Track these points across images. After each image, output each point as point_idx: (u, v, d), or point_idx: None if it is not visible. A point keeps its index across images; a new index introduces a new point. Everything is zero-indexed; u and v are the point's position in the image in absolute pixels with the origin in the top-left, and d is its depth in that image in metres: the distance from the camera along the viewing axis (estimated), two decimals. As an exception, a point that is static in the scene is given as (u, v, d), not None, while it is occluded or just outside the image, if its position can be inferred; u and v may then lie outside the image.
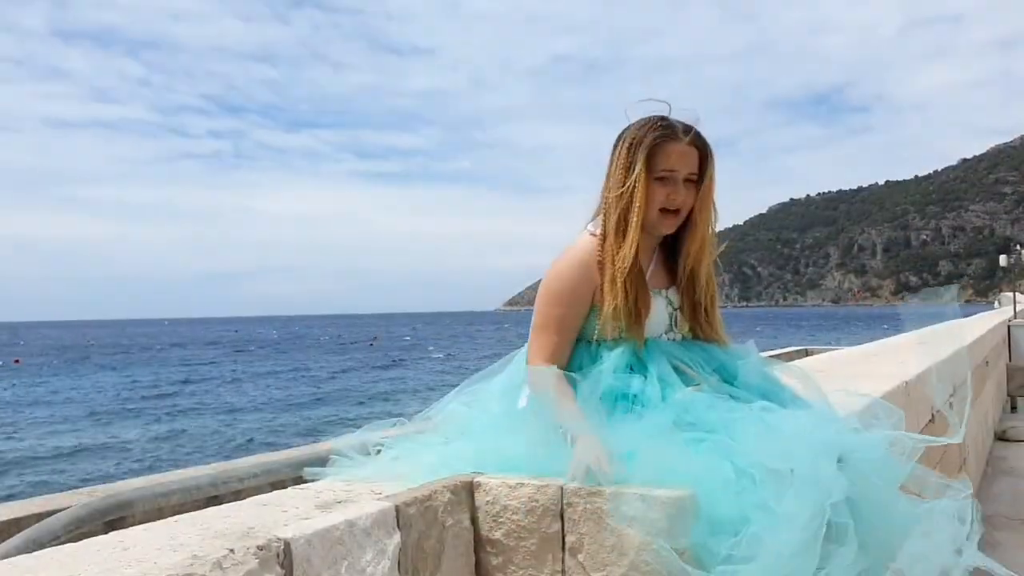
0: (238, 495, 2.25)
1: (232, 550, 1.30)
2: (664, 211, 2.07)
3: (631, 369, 2.02)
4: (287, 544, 1.37)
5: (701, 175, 2.08)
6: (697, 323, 2.16)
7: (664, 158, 2.05)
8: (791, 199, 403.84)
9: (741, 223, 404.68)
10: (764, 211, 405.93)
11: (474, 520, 1.80)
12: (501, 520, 1.77)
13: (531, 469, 1.82)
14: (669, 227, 2.10)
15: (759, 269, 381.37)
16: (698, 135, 2.09)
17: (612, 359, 2.01)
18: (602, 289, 2.04)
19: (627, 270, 2.03)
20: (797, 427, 1.79)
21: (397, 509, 1.60)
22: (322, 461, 2.12)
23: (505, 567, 1.76)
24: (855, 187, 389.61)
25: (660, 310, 2.11)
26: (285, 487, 2.02)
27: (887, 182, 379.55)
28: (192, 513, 1.68)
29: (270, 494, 1.91)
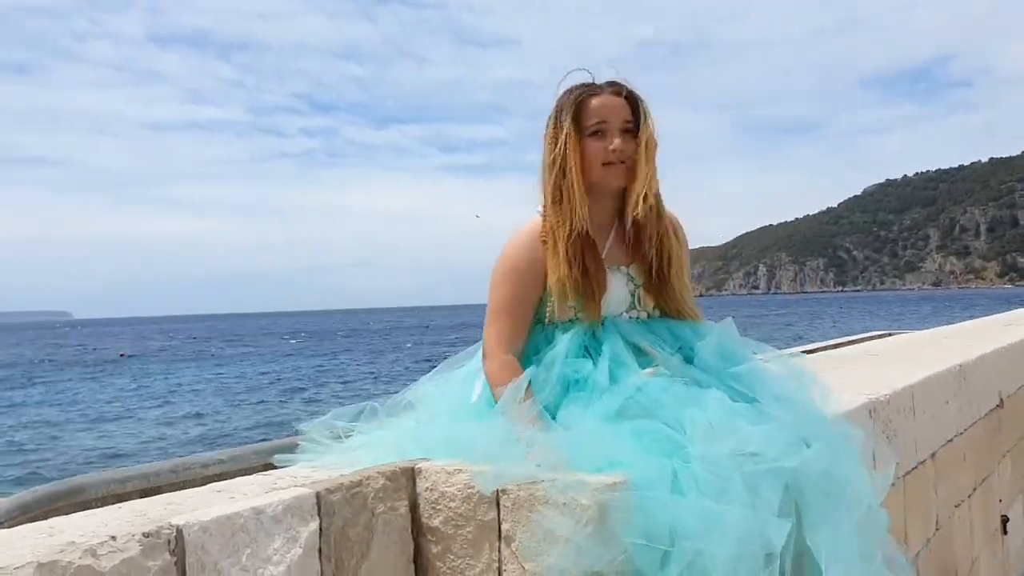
0: (206, 483, 2.26)
1: (114, 536, 1.27)
2: (608, 165, 1.98)
3: (586, 351, 1.94)
4: (179, 531, 1.34)
5: (638, 126, 1.99)
6: (661, 298, 2.05)
7: (591, 112, 1.99)
8: (887, 180, 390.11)
9: (835, 206, 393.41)
10: (859, 193, 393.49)
11: (415, 507, 1.75)
12: (439, 507, 1.72)
13: (476, 457, 1.76)
14: (616, 178, 2.00)
15: (855, 253, 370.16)
16: (623, 86, 2.02)
17: (564, 342, 1.93)
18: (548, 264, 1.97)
19: (568, 236, 1.94)
20: (748, 435, 1.67)
21: (318, 496, 1.56)
22: (295, 448, 2.10)
23: (444, 555, 1.71)
24: (956, 165, 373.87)
25: (619, 287, 2.02)
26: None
27: (991, 159, 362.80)
28: (132, 501, 1.68)
29: (226, 481, 1.90)
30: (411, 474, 1.76)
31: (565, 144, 1.99)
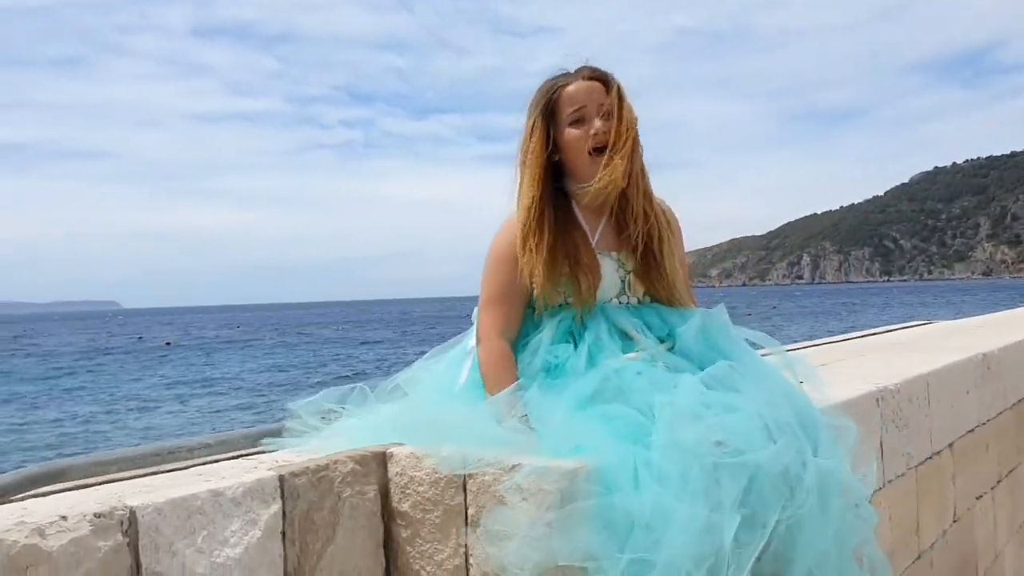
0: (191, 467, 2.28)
1: (64, 516, 1.29)
2: (596, 152, 1.96)
3: (572, 336, 1.92)
4: (133, 512, 1.35)
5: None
6: (651, 284, 2.02)
7: (567, 101, 1.98)
8: (935, 167, 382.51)
9: (882, 194, 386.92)
10: (905, 181, 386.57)
11: (386, 491, 1.75)
12: (408, 492, 1.71)
13: (447, 442, 1.75)
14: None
15: (901, 242, 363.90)
16: (594, 69, 2.01)
17: (549, 328, 1.92)
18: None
19: (525, 215, 1.95)
20: (714, 423, 1.64)
21: (281, 479, 1.57)
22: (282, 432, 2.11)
23: (413, 540, 1.71)
24: (1008, 152, 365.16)
25: (609, 272, 2.00)
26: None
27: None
28: (108, 484, 1.70)
29: (209, 465, 1.92)
30: (382, 458, 1.76)
31: (530, 134, 2.00)
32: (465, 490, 1.65)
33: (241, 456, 2.03)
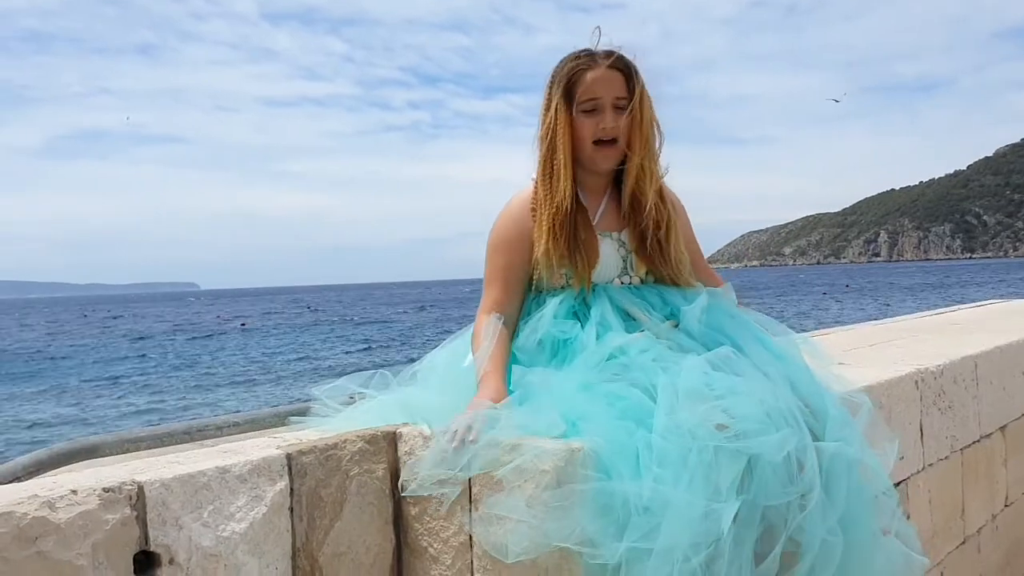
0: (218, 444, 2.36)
1: (75, 491, 1.36)
2: (599, 143, 1.96)
3: (575, 316, 1.94)
4: (140, 487, 1.42)
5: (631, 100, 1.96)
6: (652, 264, 2.03)
7: (584, 88, 1.96)
8: (1022, 139, 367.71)
9: (964, 168, 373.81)
10: (990, 154, 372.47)
11: (396, 470, 1.80)
12: (418, 471, 1.76)
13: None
14: (607, 160, 1.99)
15: (984, 217, 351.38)
16: (620, 58, 1.98)
17: (552, 306, 1.94)
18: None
19: (555, 212, 1.94)
20: (716, 406, 1.64)
21: (289, 457, 1.62)
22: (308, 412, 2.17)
23: (421, 517, 1.75)
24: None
25: (610, 253, 2.01)
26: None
27: None
28: (134, 459, 1.78)
29: (235, 442, 1.98)
30: (392, 438, 1.81)
31: (555, 119, 1.98)
32: (470, 468, 1.68)
33: (264, 435, 2.11)
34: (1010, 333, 4.09)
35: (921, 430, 2.96)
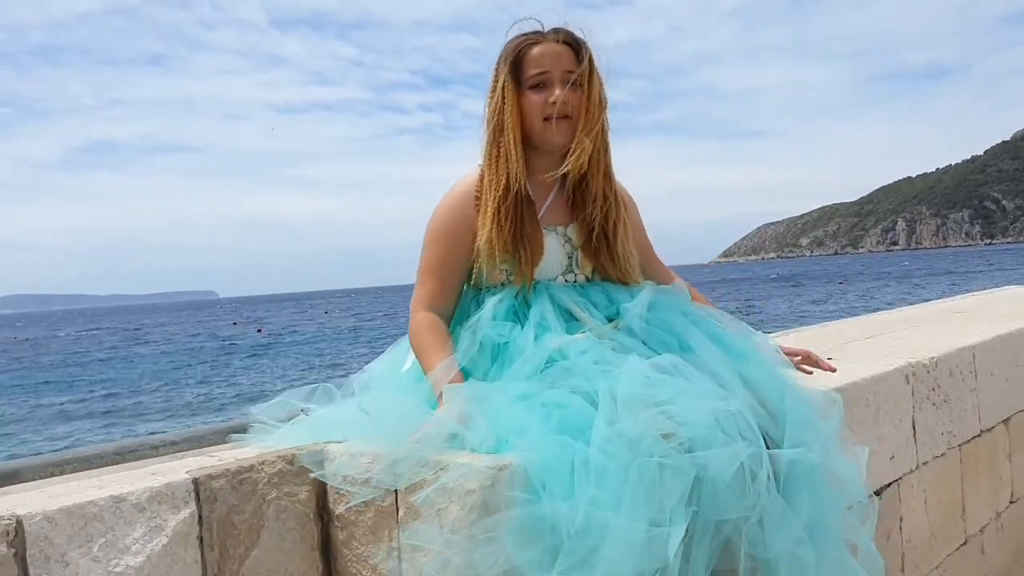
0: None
1: (-58, 529, 1.24)
2: (549, 120, 1.83)
3: (515, 315, 1.80)
4: (19, 522, 1.30)
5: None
6: (598, 261, 1.89)
7: (531, 62, 1.84)
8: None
9: (981, 153, 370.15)
10: (1007, 138, 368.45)
11: (323, 492, 1.67)
12: (343, 492, 1.63)
13: (388, 436, 1.65)
14: (557, 135, 1.84)
15: (1003, 202, 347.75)
16: (568, 33, 1.86)
17: (490, 306, 1.80)
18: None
19: (503, 196, 1.81)
20: (661, 412, 1.50)
21: (197, 482, 1.50)
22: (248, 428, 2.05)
23: (349, 542, 1.62)
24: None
25: (555, 249, 1.87)
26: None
27: None
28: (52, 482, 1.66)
29: (167, 463, 1.86)
30: (320, 456, 1.68)
31: (502, 97, 1.86)
32: (396, 491, 1.55)
33: (202, 454, 1.99)
34: (1015, 320, 3.92)
35: (914, 427, 2.81)
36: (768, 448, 1.63)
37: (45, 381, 33.01)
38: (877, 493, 2.59)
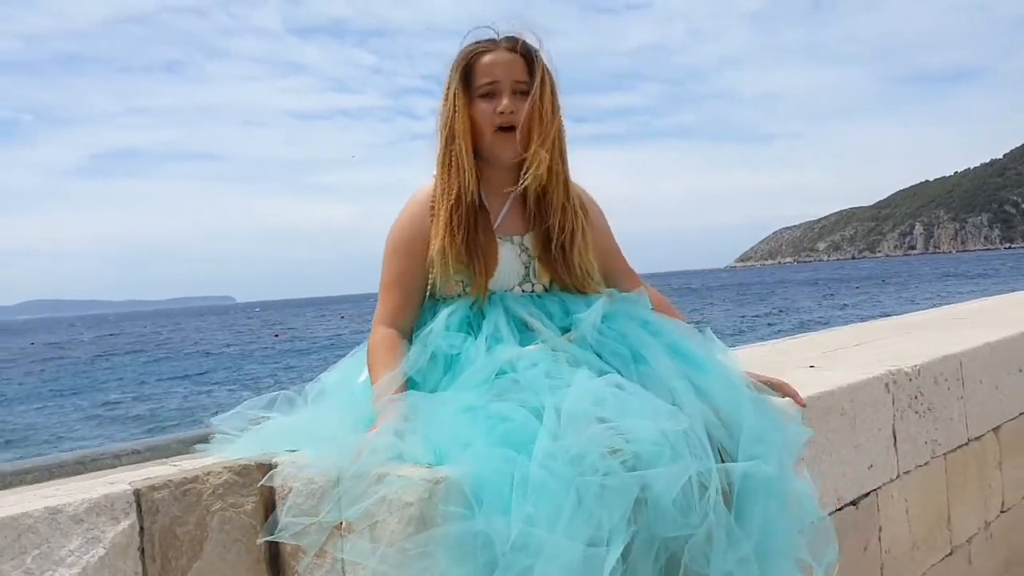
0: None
1: None
2: (498, 132, 1.82)
3: (469, 326, 1.79)
4: (-50, 534, 1.30)
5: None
6: (555, 272, 1.87)
7: (481, 71, 1.83)
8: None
9: (1000, 157, 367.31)
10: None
11: (271, 503, 1.66)
12: (289, 503, 1.62)
13: (332, 448, 1.64)
14: (506, 148, 1.84)
15: (1023, 206, 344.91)
16: (522, 43, 1.85)
17: (443, 317, 1.79)
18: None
19: (455, 205, 1.80)
20: (607, 428, 1.48)
21: (138, 493, 1.49)
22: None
23: (296, 554, 1.61)
24: None
25: (511, 259, 1.86)
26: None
27: None
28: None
29: (123, 473, 1.86)
30: (268, 468, 1.67)
31: (454, 106, 1.85)
32: (340, 502, 1.54)
33: (167, 463, 1.98)
34: (1008, 326, 3.87)
35: (894, 435, 2.78)
36: (723, 461, 1.61)
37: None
38: (854, 503, 2.56)
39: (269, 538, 1.57)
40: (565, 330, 1.80)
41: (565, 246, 1.86)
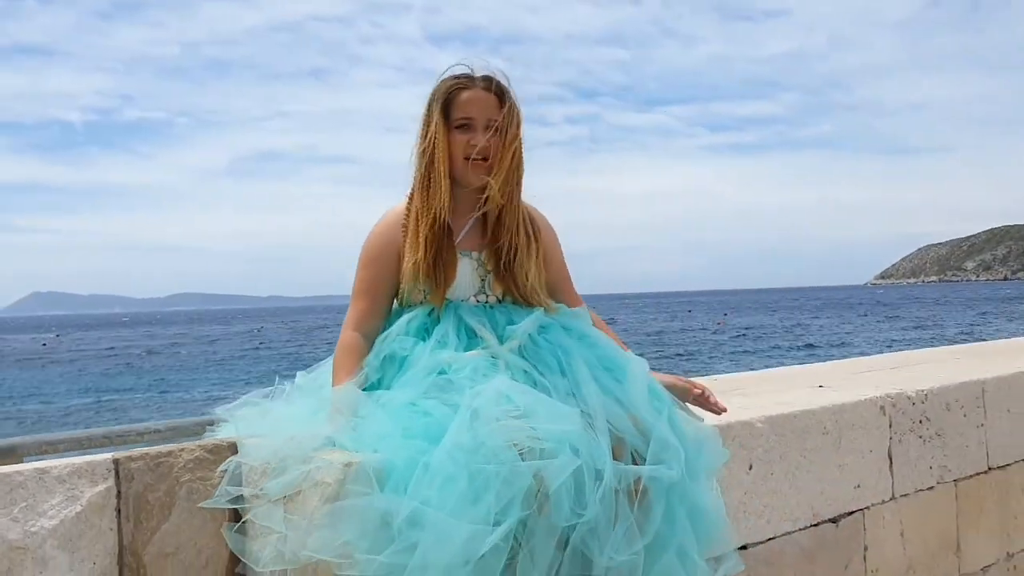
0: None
1: None
2: (468, 161, 2.04)
3: (426, 331, 2.01)
4: (-51, 487, 1.60)
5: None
6: (506, 284, 2.08)
7: (460, 106, 2.05)
8: None
9: None
10: None
11: (240, 479, 1.91)
12: (249, 480, 1.87)
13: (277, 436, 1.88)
14: (474, 176, 2.06)
15: None
16: (497, 83, 2.07)
17: (401, 322, 2.01)
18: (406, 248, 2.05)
19: (430, 223, 2.02)
20: (506, 425, 1.67)
21: (116, 461, 1.77)
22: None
23: (253, 525, 1.86)
24: None
25: (467, 272, 2.07)
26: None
27: None
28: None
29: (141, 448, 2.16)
30: (235, 448, 1.92)
31: (435, 134, 2.07)
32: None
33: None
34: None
35: (890, 457, 2.81)
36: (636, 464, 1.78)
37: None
38: (833, 520, 2.63)
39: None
40: (506, 339, 1.99)
41: (511, 262, 2.05)
